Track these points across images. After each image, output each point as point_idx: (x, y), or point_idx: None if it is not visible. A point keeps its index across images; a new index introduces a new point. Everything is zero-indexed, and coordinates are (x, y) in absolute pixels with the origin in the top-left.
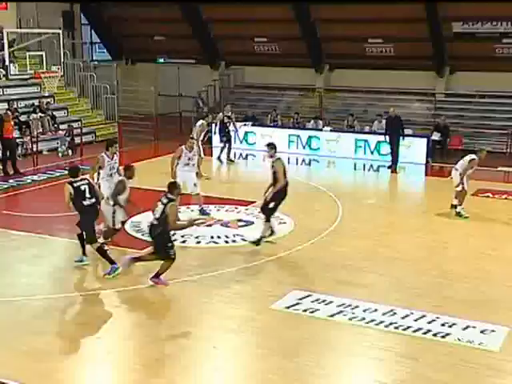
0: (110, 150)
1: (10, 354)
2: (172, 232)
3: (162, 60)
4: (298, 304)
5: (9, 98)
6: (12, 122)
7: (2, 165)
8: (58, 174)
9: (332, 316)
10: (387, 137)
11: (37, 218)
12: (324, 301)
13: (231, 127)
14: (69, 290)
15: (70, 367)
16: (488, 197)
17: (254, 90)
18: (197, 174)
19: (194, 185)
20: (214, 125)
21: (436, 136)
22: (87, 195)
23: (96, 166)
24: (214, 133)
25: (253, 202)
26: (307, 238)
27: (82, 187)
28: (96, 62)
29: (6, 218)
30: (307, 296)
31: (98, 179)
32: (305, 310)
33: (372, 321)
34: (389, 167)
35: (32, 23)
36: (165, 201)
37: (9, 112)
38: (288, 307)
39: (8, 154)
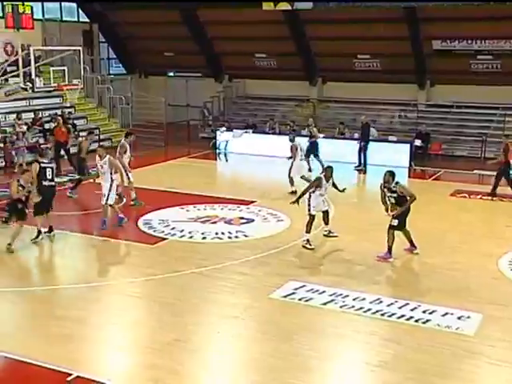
0: (128, 138)
1: (34, 338)
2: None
3: (171, 74)
4: (294, 293)
5: (34, 108)
6: (63, 128)
7: (57, 164)
8: (77, 177)
9: (325, 304)
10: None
11: (59, 216)
12: (317, 290)
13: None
14: (88, 280)
15: (87, 350)
16: (464, 197)
17: (254, 101)
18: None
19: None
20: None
21: (418, 142)
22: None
23: (122, 150)
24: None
25: (253, 202)
26: (303, 234)
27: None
28: (112, 76)
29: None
30: (302, 286)
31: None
32: (300, 299)
33: (360, 308)
34: (356, 168)
35: (55, 41)
36: None
37: (59, 118)
38: (285, 296)
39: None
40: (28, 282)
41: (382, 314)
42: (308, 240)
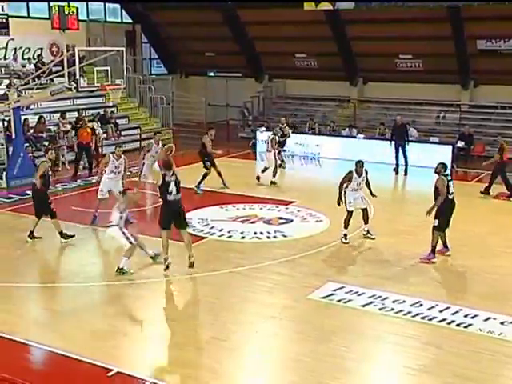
0: (155, 138)
1: (77, 332)
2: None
3: (212, 73)
4: (332, 295)
5: (78, 108)
6: (88, 130)
7: (75, 167)
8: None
9: (363, 306)
10: (392, 142)
11: (100, 213)
12: (356, 292)
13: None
14: (129, 277)
15: (128, 346)
16: (508, 200)
17: (293, 101)
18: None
19: (120, 193)
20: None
21: (460, 144)
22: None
23: (146, 148)
24: None
25: (292, 202)
26: (341, 230)
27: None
28: (154, 76)
29: (74, 214)
30: (341, 287)
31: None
32: (339, 300)
33: (400, 311)
34: (394, 169)
35: (99, 42)
36: None
37: (85, 119)
38: (323, 297)
39: (85, 157)
40: (71, 278)
41: (422, 318)
42: (345, 235)
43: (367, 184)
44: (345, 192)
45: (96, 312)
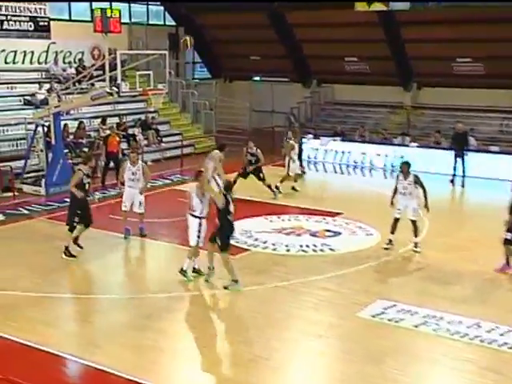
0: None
1: (114, 346)
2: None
3: (257, 78)
4: (383, 313)
5: (119, 113)
6: (117, 138)
7: (102, 175)
8: (159, 183)
9: (417, 326)
10: (452, 151)
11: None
12: (409, 311)
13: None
14: (169, 289)
15: (167, 361)
16: None
17: (343, 107)
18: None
19: (139, 203)
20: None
21: None
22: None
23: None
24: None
25: (340, 214)
26: (393, 249)
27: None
28: (197, 80)
29: (112, 222)
30: (393, 306)
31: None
32: (390, 320)
33: (456, 333)
34: (451, 181)
35: (141, 45)
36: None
37: (114, 126)
38: (373, 316)
39: (114, 166)
40: (109, 290)
41: (481, 341)
42: (390, 240)
43: (424, 194)
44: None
45: (134, 325)
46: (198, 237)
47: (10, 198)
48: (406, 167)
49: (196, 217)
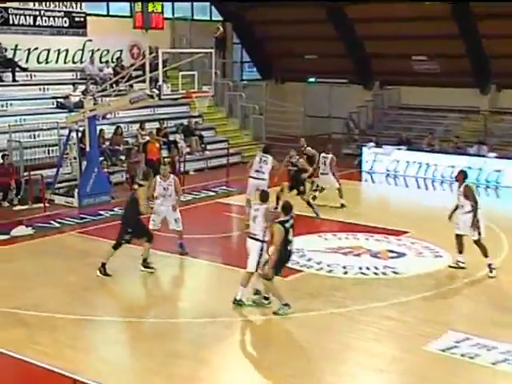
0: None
1: (150, 375)
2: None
3: (312, 79)
4: (455, 347)
5: (160, 118)
6: (157, 144)
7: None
8: (203, 195)
9: (495, 364)
10: None
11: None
12: (485, 346)
13: None
14: (212, 314)
15: None
16: None
17: (409, 112)
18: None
19: (175, 220)
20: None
21: None
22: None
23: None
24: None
25: (405, 233)
26: (465, 274)
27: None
28: (245, 82)
29: (155, 238)
30: (465, 339)
31: None
32: (463, 355)
33: None
34: None
35: (185, 43)
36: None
37: (153, 132)
38: (443, 350)
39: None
40: (146, 313)
41: None
42: (458, 261)
43: (472, 209)
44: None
45: (172, 352)
46: (258, 263)
47: (40, 209)
48: (461, 176)
49: (258, 240)
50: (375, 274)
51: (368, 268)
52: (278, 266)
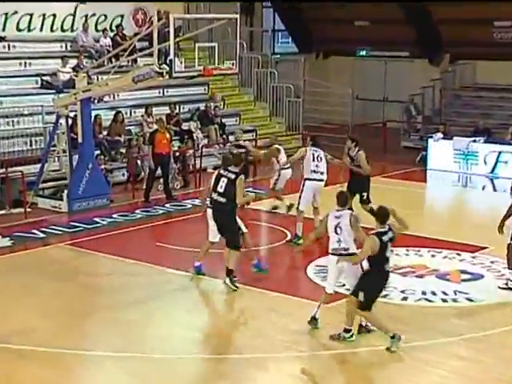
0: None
1: None
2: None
3: (363, 53)
4: None
5: (170, 101)
6: (168, 134)
7: (146, 188)
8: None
9: None
10: None
11: (195, 253)
12: None
13: None
14: (233, 350)
15: None
16: None
17: (489, 94)
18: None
19: None
20: None
21: None
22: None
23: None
24: None
25: (483, 248)
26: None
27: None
28: (278, 56)
29: (160, 252)
30: None
31: None
32: None
33: None
34: None
35: (203, 7)
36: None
37: (163, 119)
38: None
39: (161, 174)
40: (160, 346)
41: None
42: (507, 280)
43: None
44: None
45: None
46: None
47: (20, 215)
48: None
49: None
50: (443, 300)
51: (434, 293)
52: (372, 292)
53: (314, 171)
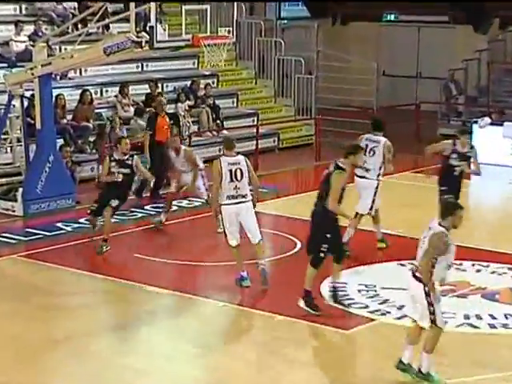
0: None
1: None
2: None
3: (391, 17)
4: None
5: (150, 78)
6: (167, 119)
7: (154, 187)
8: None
9: None
10: None
11: (182, 267)
12: None
13: None
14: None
15: None
16: None
17: None
18: None
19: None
20: None
21: None
22: None
23: None
24: None
25: None
26: None
27: None
28: (285, 22)
29: (140, 266)
30: None
31: None
32: None
33: None
34: None
35: None
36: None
37: (163, 99)
38: None
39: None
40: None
41: None
42: None
43: None
44: None
45: None
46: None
47: None
48: None
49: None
50: (491, 326)
51: (479, 317)
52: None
53: (360, 167)
